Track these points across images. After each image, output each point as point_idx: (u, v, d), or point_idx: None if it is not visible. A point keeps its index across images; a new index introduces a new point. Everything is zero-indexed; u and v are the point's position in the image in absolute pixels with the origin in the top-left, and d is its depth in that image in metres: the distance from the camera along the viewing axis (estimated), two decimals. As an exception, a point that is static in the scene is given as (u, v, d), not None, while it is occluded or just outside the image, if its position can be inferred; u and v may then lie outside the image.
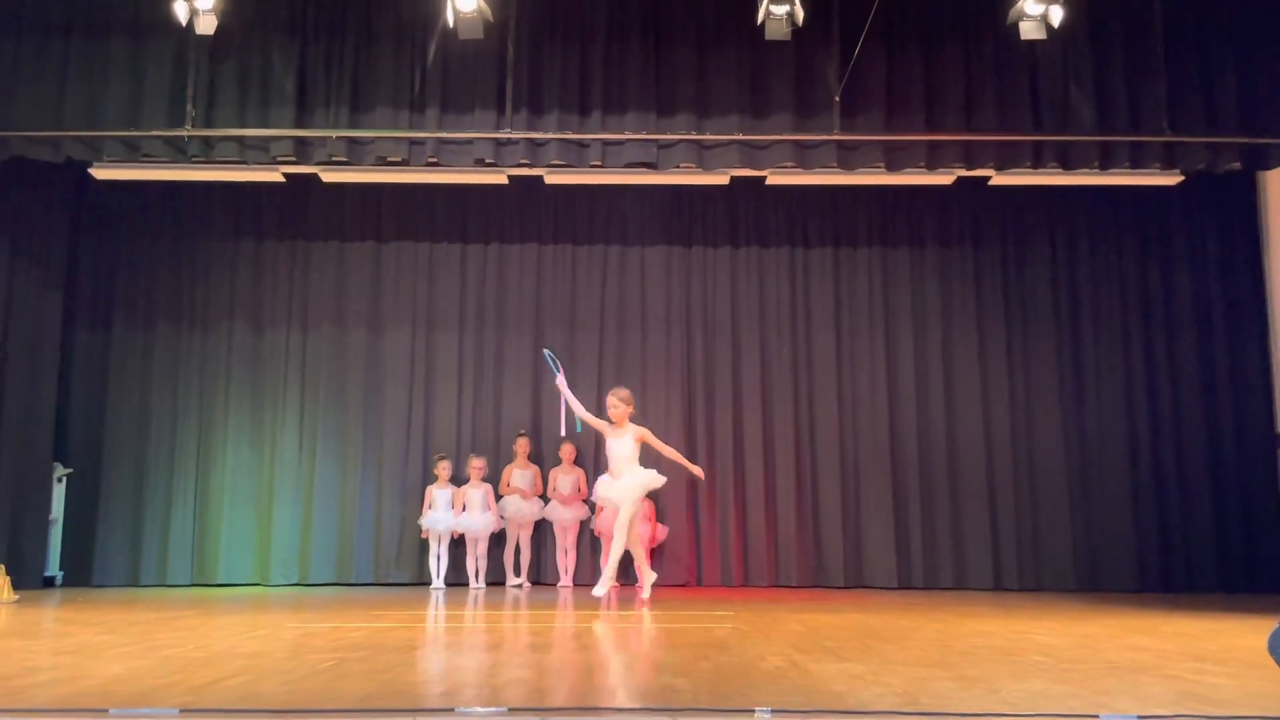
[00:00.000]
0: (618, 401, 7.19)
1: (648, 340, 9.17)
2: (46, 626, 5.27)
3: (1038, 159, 7.32)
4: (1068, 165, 7.35)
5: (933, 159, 7.35)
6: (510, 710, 2.84)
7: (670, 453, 7.27)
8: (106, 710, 2.79)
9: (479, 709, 2.84)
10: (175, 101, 7.17)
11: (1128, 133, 7.23)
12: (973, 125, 7.29)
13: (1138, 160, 7.30)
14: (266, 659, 3.93)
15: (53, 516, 8.50)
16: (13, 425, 7.94)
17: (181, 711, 2.79)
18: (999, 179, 8.31)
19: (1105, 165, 7.32)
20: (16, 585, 7.13)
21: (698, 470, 7.43)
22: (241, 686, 3.29)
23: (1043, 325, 9.12)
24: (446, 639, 4.83)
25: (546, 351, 7.80)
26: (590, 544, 8.78)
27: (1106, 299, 9.14)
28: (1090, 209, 9.19)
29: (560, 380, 7.46)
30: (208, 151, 7.25)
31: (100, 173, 8.21)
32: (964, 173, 8.02)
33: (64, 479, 8.67)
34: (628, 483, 7.07)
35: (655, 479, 7.18)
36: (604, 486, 7.31)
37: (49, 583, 8.43)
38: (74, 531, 8.69)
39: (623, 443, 7.13)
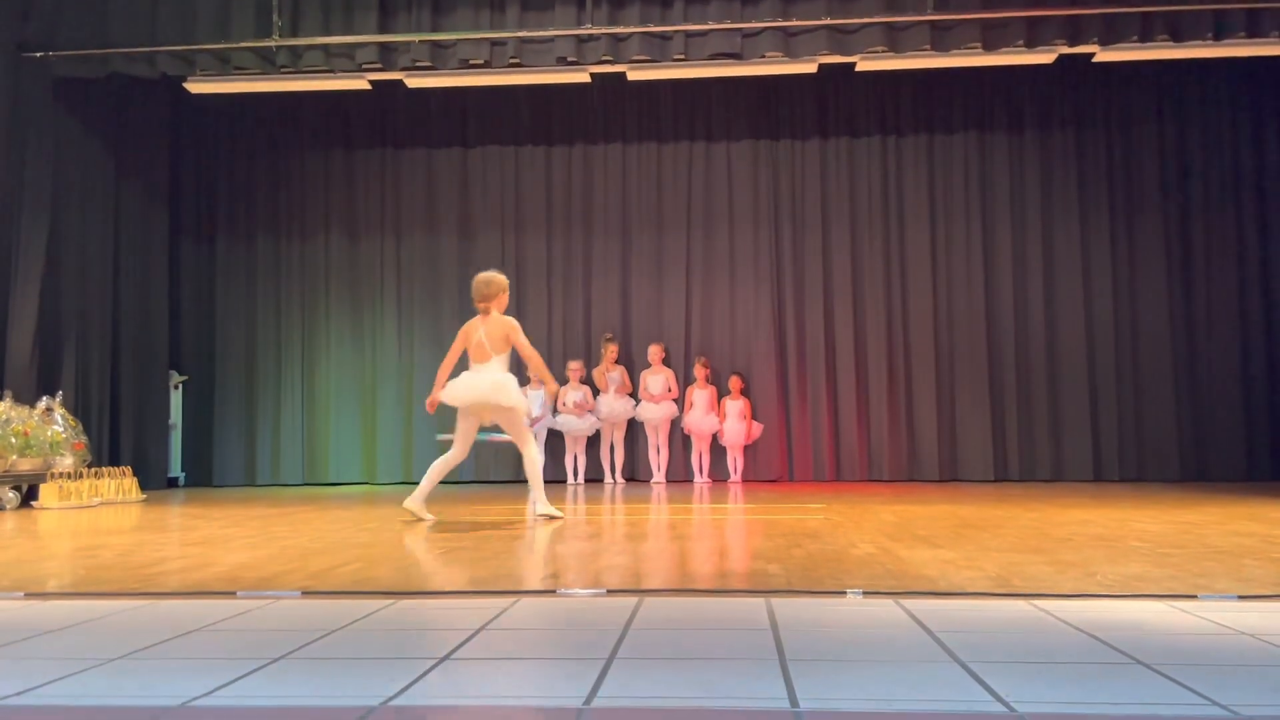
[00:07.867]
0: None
1: (735, 237, 9.09)
2: (173, 521, 5.62)
3: (1146, 31, 6.94)
4: (1178, 37, 6.95)
5: (1033, 36, 7.02)
6: (609, 592, 2.94)
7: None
8: (234, 593, 2.98)
9: (579, 590, 2.95)
10: (262, 12, 7.26)
11: (1244, -1, 6.79)
12: (1075, -3, 6.92)
13: (1254, 28, 6.86)
14: (378, 548, 4.13)
15: (172, 421, 8.98)
16: (130, 336, 8.36)
17: (303, 594, 2.97)
18: (1103, 55, 7.87)
19: (1220, 35, 6.90)
20: (143, 486, 7.59)
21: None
22: (356, 572, 3.47)
23: (1149, 208, 8.76)
24: (548, 530, 4.99)
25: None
26: (681, 442, 8.91)
27: (1219, 179, 8.71)
28: (1201, 83, 8.70)
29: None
30: (295, 61, 7.36)
31: (194, 86, 8.37)
32: (1066, 50, 7.61)
33: (180, 386, 9.12)
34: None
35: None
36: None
37: (173, 483, 8.95)
38: (193, 435, 9.19)
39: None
